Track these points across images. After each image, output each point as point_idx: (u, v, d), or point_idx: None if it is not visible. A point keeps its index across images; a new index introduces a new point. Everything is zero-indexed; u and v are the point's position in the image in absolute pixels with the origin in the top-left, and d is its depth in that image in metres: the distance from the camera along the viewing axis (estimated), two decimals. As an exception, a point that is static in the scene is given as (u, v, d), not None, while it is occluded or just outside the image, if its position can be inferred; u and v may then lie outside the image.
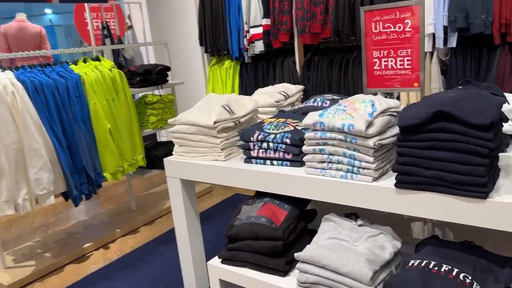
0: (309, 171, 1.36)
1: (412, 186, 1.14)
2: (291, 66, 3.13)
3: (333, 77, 2.90)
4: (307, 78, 3.02)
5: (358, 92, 2.82)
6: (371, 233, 1.28)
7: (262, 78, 3.41)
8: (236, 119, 1.66)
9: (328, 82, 2.94)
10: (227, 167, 1.55)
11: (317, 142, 1.31)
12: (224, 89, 3.69)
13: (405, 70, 1.64)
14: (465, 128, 1.04)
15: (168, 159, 1.75)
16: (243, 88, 3.55)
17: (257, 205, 1.49)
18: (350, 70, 2.80)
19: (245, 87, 3.51)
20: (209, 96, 1.82)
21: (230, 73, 3.58)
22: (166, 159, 1.75)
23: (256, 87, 3.44)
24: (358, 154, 1.23)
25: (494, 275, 1.08)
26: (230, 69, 3.54)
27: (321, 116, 1.30)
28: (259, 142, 1.50)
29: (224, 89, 3.69)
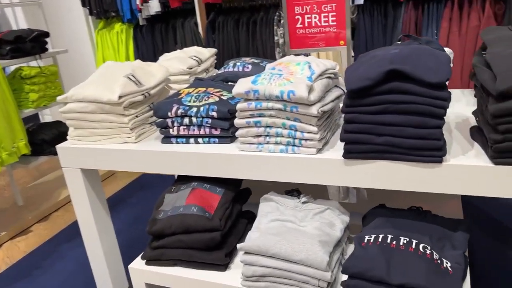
0: (243, 147, 1.17)
1: (363, 156, 1.03)
2: (193, 28, 2.85)
3: (240, 40, 2.70)
4: (212, 41, 2.78)
5: (268, 56, 2.67)
6: (317, 209, 1.16)
7: (161, 43, 3.07)
8: (145, 91, 1.39)
9: (236, 45, 2.74)
10: (141, 150, 1.29)
11: (251, 113, 1.12)
12: (117, 57, 3.26)
13: (330, 27, 1.51)
14: (420, 88, 0.94)
15: (62, 146, 1.42)
16: (139, 55, 3.18)
17: (183, 192, 1.27)
18: (258, 31, 2.63)
19: (142, 54, 3.14)
20: (107, 65, 1.50)
21: (123, 38, 3.17)
22: (59, 147, 1.41)
23: (155, 53, 3.09)
24: (300, 124, 1.08)
25: (449, 241, 1.03)
26: (122, 33, 3.13)
27: (254, 83, 1.10)
28: (178, 117, 1.27)
29: (117, 57, 3.26)
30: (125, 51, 3.20)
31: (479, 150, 1.01)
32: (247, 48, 2.70)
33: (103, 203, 1.53)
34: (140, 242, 2.04)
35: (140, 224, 2.23)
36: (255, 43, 2.67)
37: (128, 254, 1.92)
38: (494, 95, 0.89)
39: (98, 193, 1.50)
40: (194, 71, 1.70)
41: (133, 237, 2.10)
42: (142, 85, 1.39)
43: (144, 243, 2.01)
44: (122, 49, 3.20)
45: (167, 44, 3.08)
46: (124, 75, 1.37)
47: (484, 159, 0.96)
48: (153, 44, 3.10)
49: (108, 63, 1.51)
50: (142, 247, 2.04)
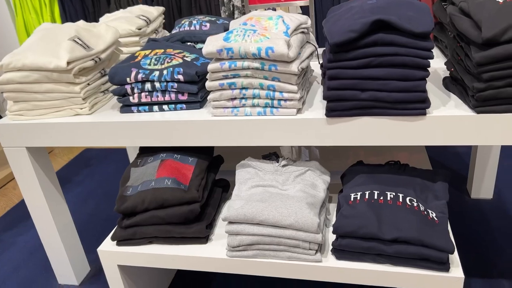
0: (216, 112, 1.09)
1: (346, 113, 0.99)
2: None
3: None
4: (150, 0, 2.57)
5: (214, 13, 2.53)
6: (297, 172, 1.12)
7: (92, 5, 2.79)
8: (95, 56, 1.23)
9: (177, 3, 2.56)
10: (99, 122, 1.16)
11: (224, 74, 1.03)
12: (41, 23, 2.92)
13: (290, -20, 1.42)
14: (405, 39, 0.91)
15: (1, 123, 1.23)
16: (66, 19, 2.87)
17: (152, 165, 1.16)
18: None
19: (70, 18, 2.84)
20: (44, 27, 1.31)
21: (46, 0, 2.83)
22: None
23: (86, 16, 2.80)
24: (279, 84, 1.01)
25: (431, 192, 1.05)
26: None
27: (227, 41, 1.01)
28: (139, 83, 1.14)
29: (41, 23, 2.92)
30: (50, 15, 2.88)
31: (457, 101, 1.02)
32: (188, 6, 2.53)
33: (54, 182, 1.38)
34: (95, 222, 1.90)
35: (91, 203, 2.07)
36: (198, 1, 2.51)
37: (85, 235, 1.79)
38: (480, 43, 0.88)
39: (48, 172, 1.34)
40: (143, 32, 1.54)
41: (86, 217, 1.95)
42: (91, 49, 1.23)
43: (100, 222, 1.88)
44: (47, 13, 2.87)
45: (98, 7, 2.81)
46: (69, 38, 1.20)
47: (464, 108, 0.97)
48: (83, 7, 2.81)
49: (45, 25, 1.32)
50: (99, 228, 1.92)
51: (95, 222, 1.89)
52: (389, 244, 0.93)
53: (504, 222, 1.58)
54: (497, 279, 1.34)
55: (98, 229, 1.84)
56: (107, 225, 1.86)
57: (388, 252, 0.93)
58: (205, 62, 1.19)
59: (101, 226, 1.86)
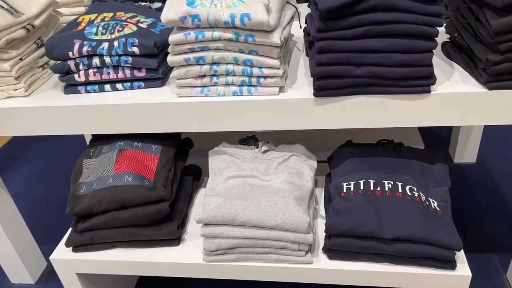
0: (182, 92, 0.90)
1: (338, 92, 0.84)
2: None
3: None
4: None
5: None
6: (280, 158, 0.98)
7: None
8: (27, 23, 1.00)
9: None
10: (38, 106, 0.95)
11: (190, 47, 0.84)
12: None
13: None
14: (410, 2, 0.75)
15: None
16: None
17: (108, 156, 0.98)
18: None
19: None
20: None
21: None
22: None
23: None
24: (257, 58, 0.84)
25: (431, 176, 0.93)
26: None
27: (191, 5, 0.81)
28: (84, 57, 0.93)
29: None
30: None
31: (463, 73, 0.88)
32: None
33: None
34: (48, 209, 1.71)
35: (42, 185, 1.86)
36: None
37: (37, 226, 1.61)
38: (499, 7, 0.73)
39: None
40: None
41: (37, 203, 1.75)
42: (21, 14, 0.99)
43: (54, 208, 1.69)
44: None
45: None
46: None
47: (472, 83, 0.84)
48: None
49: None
50: (53, 215, 1.70)
51: (48, 209, 1.70)
52: (389, 243, 0.82)
53: (487, 188, 1.52)
54: (480, 245, 1.29)
55: (52, 217, 1.65)
56: (62, 211, 1.68)
57: (388, 251, 0.83)
58: (165, 29, 0.99)
59: (56, 212, 1.67)
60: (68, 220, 1.60)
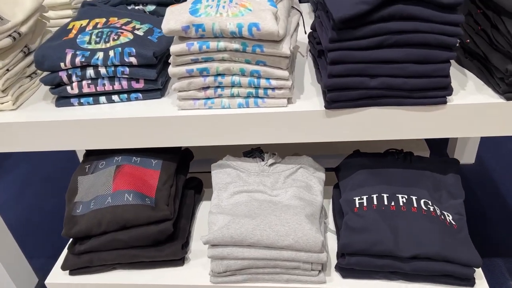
0: (184, 105, 0.85)
1: (351, 104, 0.80)
2: None
3: None
4: None
5: None
6: (287, 171, 0.94)
7: None
8: (12, 30, 0.92)
9: None
10: (27, 122, 0.88)
11: (193, 58, 0.79)
12: None
13: None
14: (429, 11, 0.71)
15: None
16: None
17: (105, 172, 0.92)
18: None
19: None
20: None
21: None
22: None
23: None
24: (265, 69, 0.79)
25: (445, 188, 0.91)
26: None
27: (195, 14, 0.76)
28: (77, 68, 0.87)
29: None
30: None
31: (477, 81, 0.85)
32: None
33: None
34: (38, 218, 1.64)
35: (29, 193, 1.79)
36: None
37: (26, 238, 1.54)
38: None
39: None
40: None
41: (25, 213, 1.68)
42: (6, 21, 0.92)
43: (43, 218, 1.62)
44: None
45: None
46: (-29, 8, 0.88)
47: (488, 92, 0.81)
48: None
49: None
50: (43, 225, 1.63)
51: (35, 219, 1.62)
52: (406, 261, 0.79)
53: (487, 189, 1.51)
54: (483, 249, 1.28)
55: (41, 228, 1.57)
56: (51, 222, 1.61)
57: (405, 269, 0.80)
58: (162, 36, 0.93)
59: (44, 223, 1.60)
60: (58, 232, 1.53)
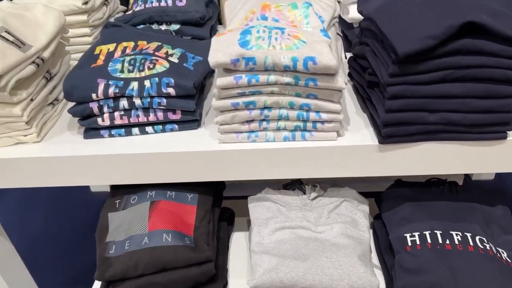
0: (226, 138, 0.80)
1: (407, 139, 0.76)
2: None
3: None
4: None
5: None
6: (331, 205, 0.89)
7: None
8: (35, 56, 0.86)
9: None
10: (54, 156, 0.82)
11: (240, 92, 0.74)
12: None
13: None
14: (496, 46, 0.67)
15: None
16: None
17: (139, 209, 0.86)
18: None
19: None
20: None
21: None
22: None
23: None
24: (316, 102, 0.74)
25: (495, 222, 0.87)
26: None
27: (245, 46, 0.70)
28: (110, 99, 0.81)
29: None
30: None
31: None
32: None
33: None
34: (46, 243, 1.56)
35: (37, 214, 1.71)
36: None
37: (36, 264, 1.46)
38: None
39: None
40: (91, 7, 1.15)
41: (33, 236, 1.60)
42: (28, 46, 0.85)
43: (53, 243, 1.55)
44: None
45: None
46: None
47: (547, 126, 0.78)
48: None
49: None
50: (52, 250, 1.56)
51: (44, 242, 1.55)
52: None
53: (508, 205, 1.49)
54: None
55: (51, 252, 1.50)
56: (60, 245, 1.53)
57: (465, 313, 0.76)
58: (197, 62, 0.88)
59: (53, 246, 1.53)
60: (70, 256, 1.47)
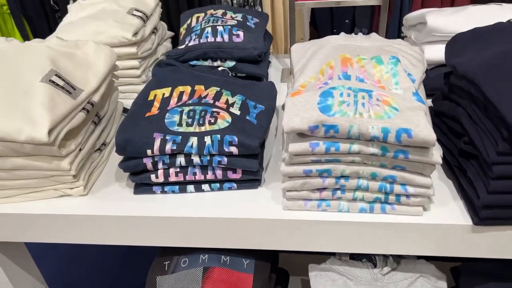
0: (292, 205, 0.71)
1: (506, 222, 0.65)
2: None
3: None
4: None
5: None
6: (405, 281, 0.79)
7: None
8: (85, 102, 0.79)
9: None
10: (101, 215, 0.74)
11: (315, 159, 0.64)
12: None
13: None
14: None
15: None
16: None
17: (191, 274, 0.78)
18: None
19: None
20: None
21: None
22: None
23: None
24: (403, 175, 0.64)
25: None
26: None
27: (327, 112, 0.61)
28: (165, 155, 0.73)
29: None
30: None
31: None
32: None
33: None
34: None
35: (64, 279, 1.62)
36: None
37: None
38: None
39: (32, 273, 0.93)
40: (141, 38, 1.08)
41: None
42: (79, 91, 0.78)
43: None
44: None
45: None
46: (43, 77, 0.74)
47: None
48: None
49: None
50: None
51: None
52: None
53: None
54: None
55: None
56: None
57: None
58: (259, 113, 0.79)
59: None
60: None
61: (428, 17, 0.93)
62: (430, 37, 0.95)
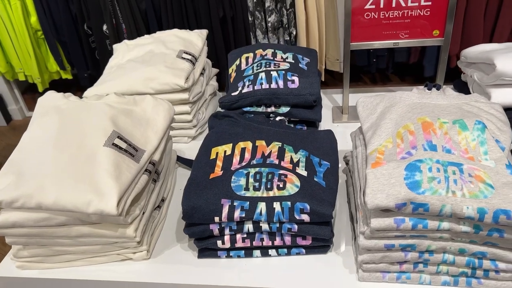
0: (369, 277, 0.67)
1: None
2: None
3: (188, 16, 1.96)
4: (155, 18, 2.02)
5: (242, 42, 1.97)
6: None
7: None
8: (147, 164, 0.77)
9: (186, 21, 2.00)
10: (165, 283, 0.72)
11: (398, 234, 0.61)
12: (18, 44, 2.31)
13: (420, 9, 0.95)
14: None
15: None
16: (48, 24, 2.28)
17: None
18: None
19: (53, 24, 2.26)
20: (53, 104, 0.81)
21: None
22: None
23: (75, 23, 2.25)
24: (495, 251, 0.60)
25: None
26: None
27: (416, 190, 0.57)
28: (233, 222, 0.70)
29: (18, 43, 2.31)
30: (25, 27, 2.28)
31: None
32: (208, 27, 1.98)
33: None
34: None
35: None
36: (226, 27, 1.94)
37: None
38: None
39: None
40: (193, 82, 1.06)
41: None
42: (141, 152, 0.76)
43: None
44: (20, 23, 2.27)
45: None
46: (106, 142, 0.73)
47: None
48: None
49: (51, 97, 0.82)
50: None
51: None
52: None
53: None
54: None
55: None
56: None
57: None
58: (327, 172, 0.76)
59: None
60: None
61: (497, 61, 0.88)
62: (498, 80, 0.90)
